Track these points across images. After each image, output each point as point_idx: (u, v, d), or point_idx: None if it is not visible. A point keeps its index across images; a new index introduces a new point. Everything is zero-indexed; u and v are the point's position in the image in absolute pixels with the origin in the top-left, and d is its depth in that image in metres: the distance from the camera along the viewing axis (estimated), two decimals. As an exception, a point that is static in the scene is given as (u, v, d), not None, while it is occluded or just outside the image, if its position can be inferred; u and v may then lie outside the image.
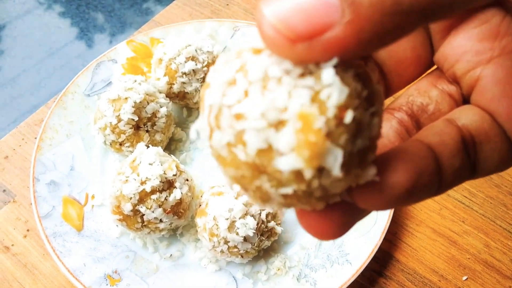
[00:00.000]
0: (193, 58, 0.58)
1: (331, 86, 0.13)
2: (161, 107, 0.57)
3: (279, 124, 0.14)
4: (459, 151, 0.18)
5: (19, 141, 0.65)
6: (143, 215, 0.49)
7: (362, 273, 0.51)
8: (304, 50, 0.13)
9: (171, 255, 0.54)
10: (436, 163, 0.17)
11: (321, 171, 0.14)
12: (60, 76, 1.74)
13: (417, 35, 0.21)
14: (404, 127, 0.21)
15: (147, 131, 0.56)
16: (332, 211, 0.17)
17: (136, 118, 0.54)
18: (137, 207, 0.48)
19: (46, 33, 1.88)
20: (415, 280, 0.54)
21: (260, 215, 0.48)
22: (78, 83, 0.65)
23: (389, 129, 0.21)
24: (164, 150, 0.54)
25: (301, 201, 0.15)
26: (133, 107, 0.54)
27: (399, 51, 0.21)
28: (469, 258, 0.56)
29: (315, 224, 0.18)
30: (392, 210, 0.54)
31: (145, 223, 0.50)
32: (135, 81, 0.57)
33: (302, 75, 0.14)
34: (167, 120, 0.58)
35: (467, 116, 0.19)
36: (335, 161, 0.14)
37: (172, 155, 0.54)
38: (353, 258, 0.52)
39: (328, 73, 0.13)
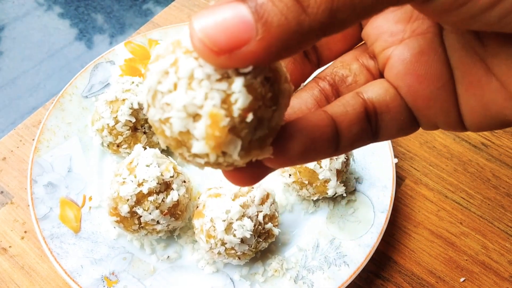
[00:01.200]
0: (190, 60, 0.58)
1: (239, 93, 0.17)
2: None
3: (196, 116, 0.17)
4: (358, 120, 0.22)
5: (17, 143, 0.65)
6: (140, 216, 0.49)
7: (359, 274, 0.51)
8: (225, 60, 0.16)
9: (168, 256, 0.54)
10: (334, 130, 0.21)
11: (224, 153, 0.18)
12: (59, 77, 1.74)
13: None
14: (325, 95, 0.25)
15: (144, 132, 0.56)
16: (247, 168, 0.21)
17: (134, 120, 0.54)
18: (134, 209, 0.48)
19: (45, 34, 1.88)
20: (412, 281, 0.54)
21: (257, 217, 0.48)
22: (76, 85, 0.65)
23: (309, 97, 0.25)
24: (161, 152, 0.54)
25: (214, 167, 0.19)
26: (130, 108, 0.54)
27: None
28: (466, 260, 0.56)
29: (235, 176, 0.21)
30: (389, 212, 0.54)
31: (142, 225, 0.50)
32: (133, 82, 0.57)
33: (220, 79, 0.17)
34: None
35: (373, 90, 0.23)
36: (235, 149, 0.18)
37: (169, 157, 0.54)
38: (351, 259, 0.52)
39: (237, 83, 0.17)
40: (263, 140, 0.19)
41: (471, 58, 0.21)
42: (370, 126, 0.22)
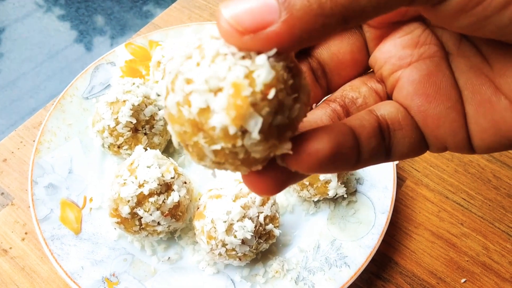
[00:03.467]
0: (191, 61, 0.58)
1: (262, 68, 0.17)
2: (159, 109, 0.57)
3: (217, 91, 0.17)
4: (375, 134, 0.22)
5: (17, 144, 0.65)
6: (141, 218, 0.49)
7: (360, 275, 0.51)
8: (249, 40, 0.17)
9: (169, 258, 0.54)
10: (355, 140, 0.21)
11: (244, 133, 0.17)
12: (60, 79, 1.74)
13: (355, 41, 0.26)
14: (336, 114, 0.25)
15: (145, 133, 0.56)
16: (269, 172, 0.20)
17: (134, 121, 0.54)
18: (135, 210, 0.48)
19: (46, 36, 1.88)
20: (413, 282, 0.54)
21: (258, 218, 0.48)
22: (76, 86, 0.65)
23: (323, 115, 0.25)
24: (162, 153, 0.54)
25: (228, 160, 0.19)
26: (131, 109, 0.54)
27: (339, 54, 0.26)
28: (467, 261, 0.56)
29: (255, 182, 0.21)
30: (390, 213, 0.54)
31: (143, 226, 0.50)
32: (134, 83, 0.57)
33: (243, 57, 0.17)
34: (165, 122, 0.58)
35: (385, 108, 0.23)
36: (255, 125, 0.17)
37: (170, 158, 0.54)
38: (351, 260, 0.51)
39: (261, 58, 0.17)
40: (283, 131, 0.19)
41: (479, 78, 0.22)
42: (384, 143, 0.23)
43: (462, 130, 0.22)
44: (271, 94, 0.17)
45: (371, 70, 0.27)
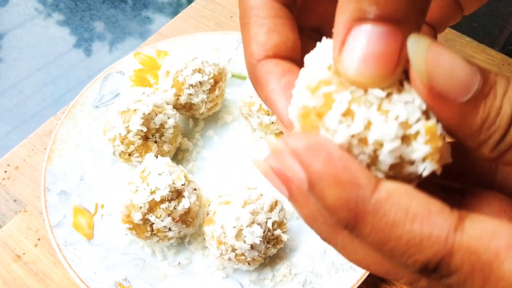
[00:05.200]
0: (199, 70, 0.60)
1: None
2: (169, 118, 0.58)
3: (405, 139, 0.17)
4: None
5: (29, 152, 0.67)
6: (153, 224, 0.50)
7: (365, 279, 0.52)
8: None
9: (179, 262, 0.55)
10: None
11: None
12: (59, 84, 1.76)
13: None
14: None
15: (155, 141, 0.58)
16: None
17: (145, 129, 0.56)
18: (147, 216, 0.50)
19: (45, 42, 1.90)
20: (417, 286, 0.55)
21: (266, 224, 0.49)
22: (87, 95, 0.67)
23: None
24: (171, 160, 0.55)
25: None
26: (142, 118, 0.55)
27: None
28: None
29: None
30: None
31: (155, 232, 0.51)
32: (144, 93, 0.58)
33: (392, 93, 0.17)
34: (175, 130, 0.59)
35: None
36: (449, 152, 0.18)
37: (179, 165, 0.55)
38: (357, 264, 0.53)
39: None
40: None
41: None
42: None
43: None
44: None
45: None
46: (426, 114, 0.17)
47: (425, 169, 0.17)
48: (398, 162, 0.17)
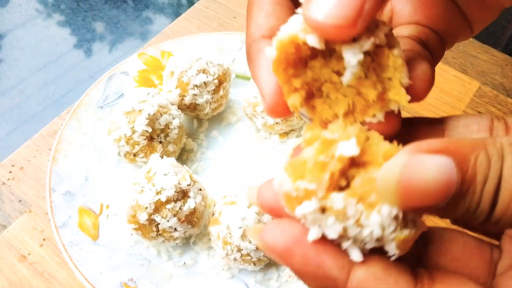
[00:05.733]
0: (204, 71, 0.60)
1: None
2: (173, 118, 0.59)
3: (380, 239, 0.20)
4: None
5: (33, 152, 0.67)
6: (158, 224, 0.50)
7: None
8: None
9: (184, 263, 0.55)
10: None
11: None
12: (60, 85, 1.76)
13: None
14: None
15: (160, 142, 0.58)
16: None
17: (150, 130, 0.56)
18: (152, 217, 0.50)
19: (46, 42, 1.90)
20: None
21: (272, 224, 0.49)
22: (91, 96, 0.67)
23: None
24: (176, 160, 0.55)
25: None
26: (147, 119, 0.55)
27: None
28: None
29: None
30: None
31: (160, 232, 0.51)
32: (148, 93, 0.58)
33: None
34: (179, 131, 0.59)
35: None
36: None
37: (184, 166, 0.56)
38: (362, 265, 0.53)
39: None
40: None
41: None
42: None
43: None
44: None
45: None
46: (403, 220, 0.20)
47: (394, 255, 0.20)
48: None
